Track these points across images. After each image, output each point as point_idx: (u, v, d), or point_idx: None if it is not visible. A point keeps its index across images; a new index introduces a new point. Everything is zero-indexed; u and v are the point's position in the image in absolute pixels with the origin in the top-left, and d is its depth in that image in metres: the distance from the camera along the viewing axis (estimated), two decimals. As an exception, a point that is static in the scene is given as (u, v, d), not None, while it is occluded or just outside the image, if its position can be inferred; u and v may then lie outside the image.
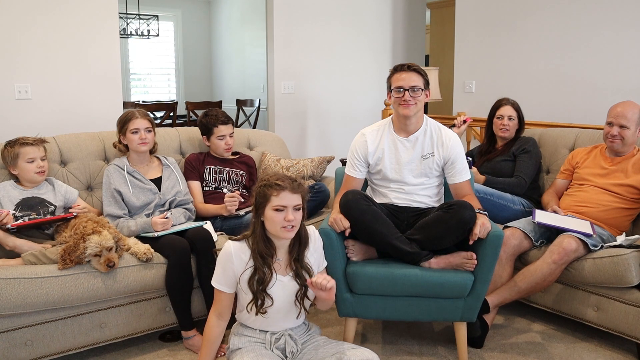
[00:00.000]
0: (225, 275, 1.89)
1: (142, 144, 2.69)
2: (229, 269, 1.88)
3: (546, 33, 4.29)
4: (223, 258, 1.89)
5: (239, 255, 1.87)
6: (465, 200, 2.27)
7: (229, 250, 1.88)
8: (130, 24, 6.87)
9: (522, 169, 3.02)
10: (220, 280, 1.90)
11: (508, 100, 3.21)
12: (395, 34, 5.59)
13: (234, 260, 1.87)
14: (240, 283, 1.87)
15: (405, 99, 2.36)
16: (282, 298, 1.89)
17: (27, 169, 2.47)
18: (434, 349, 2.48)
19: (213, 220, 2.81)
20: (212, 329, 1.92)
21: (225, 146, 2.98)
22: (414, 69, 2.40)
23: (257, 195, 1.85)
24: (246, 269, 1.86)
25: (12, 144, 2.49)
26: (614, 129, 2.68)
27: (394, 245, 2.25)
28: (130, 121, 2.68)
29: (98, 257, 2.24)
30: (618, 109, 2.68)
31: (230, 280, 1.89)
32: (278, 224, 1.80)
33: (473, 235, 2.19)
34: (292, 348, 1.94)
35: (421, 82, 2.39)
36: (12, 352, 2.14)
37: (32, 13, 3.13)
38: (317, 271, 2.00)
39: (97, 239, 2.23)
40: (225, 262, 1.89)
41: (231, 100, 7.11)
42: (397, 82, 2.39)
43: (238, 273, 1.87)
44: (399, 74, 2.41)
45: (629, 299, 2.35)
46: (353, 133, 2.62)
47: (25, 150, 2.46)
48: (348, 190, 2.33)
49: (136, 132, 2.68)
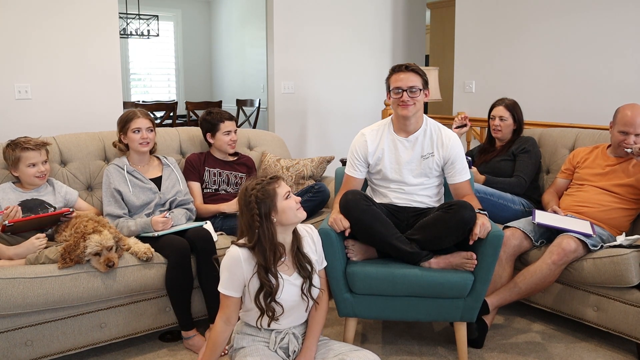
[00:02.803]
0: (232, 280, 1.84)
1: (143, 144, 2.69)
2: (238, 274, 1.83)
3: (546, 33, 4.28)
4: (231, 263, 1.85)
5: (248, 261, 1.84)
6: (466, 201, 2.27)
7: (237, 256, 1.83)
8: (130, 24, 6.87)
9: (522, 169, 3.02)
10: (227, 285, 1.85)
11: (503, 100, 3.20)
12: (395, 34, 5.59)
13: (242, 265, 1.83)
14: (249, 287, 1.84)
15: (404, 99, 2.36)
16: (291, 298, 1.88)
17: (27, 173, 2.47)
18: (434, 349, 2.48)
19: (213, 220, 2.82)
20: (219, 335, 1.88)
21: (230, 142, 2.99)
22: (412, 69, 2.40)
23: (259, 203, 1.80)
24: (254, 274, 1.83)
25: (13, 147, 2.46)
26: (629, 138, 2.61)
27: (393, 245, 2.25)
28: (132, 120, 2.68)
29: (98, 257, 2.24)
30: (628, 114, 2.60)
31: (239, 284, 1.85)
32: (293, 207, 1.84)
33: (473, 236, 2.19)
34: (294, 347, 1.94)
35: (419, 82, 2.38)
36: (12, 352, 2.14)
37: (32, 13, 3.13)
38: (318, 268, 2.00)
39: (97, 238, 2.23)
40: (234, 267, 1.84)
41: (231, 100, 7.11)
42: (396, 83, 2.39)
43: (247, 278, 1.84)
44: (397, 74, 2.40)
45: (629, 299, 2.35)
46: (353, 133, 2.62)
47: (27, 155, 2.44)
48: (348, 191, 2.33)
49: (138, 132, 2.68)
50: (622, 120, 2.65)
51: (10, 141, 2.51)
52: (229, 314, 1.88)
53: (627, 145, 2.62)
